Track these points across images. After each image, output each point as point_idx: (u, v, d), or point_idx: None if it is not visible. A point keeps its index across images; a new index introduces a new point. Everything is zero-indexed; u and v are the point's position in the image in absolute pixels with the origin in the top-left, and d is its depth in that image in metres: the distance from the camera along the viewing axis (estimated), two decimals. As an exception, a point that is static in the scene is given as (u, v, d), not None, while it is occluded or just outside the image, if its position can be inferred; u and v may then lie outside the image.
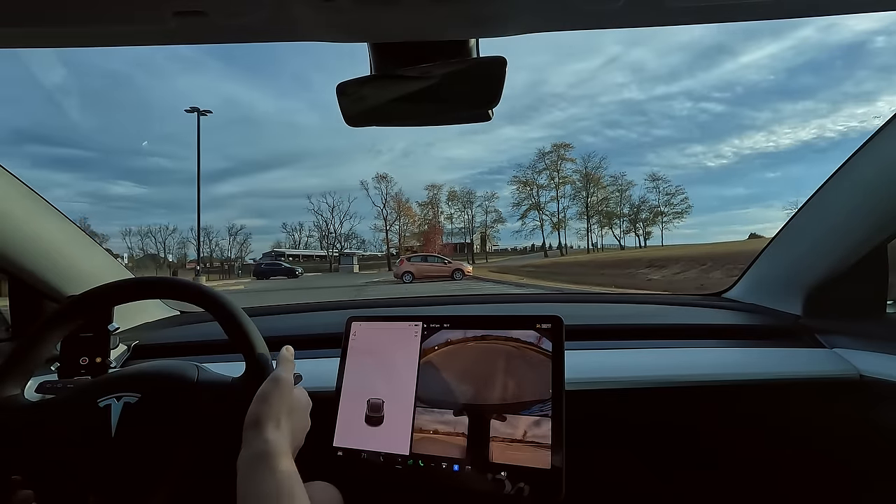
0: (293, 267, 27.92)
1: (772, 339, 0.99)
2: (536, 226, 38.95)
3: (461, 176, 64.04)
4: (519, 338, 0.69)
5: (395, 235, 40.07)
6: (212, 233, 41.96)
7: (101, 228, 49.97)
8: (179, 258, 41.07)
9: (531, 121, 63.25)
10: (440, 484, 0.65)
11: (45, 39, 0.53)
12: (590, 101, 62.63)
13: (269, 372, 0.58)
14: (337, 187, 67.45)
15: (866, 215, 0.85)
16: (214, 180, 59.98)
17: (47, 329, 0.59)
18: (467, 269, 18.82)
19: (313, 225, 43.41)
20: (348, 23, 0.49)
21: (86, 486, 0.56)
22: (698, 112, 57.92)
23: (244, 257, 42.17)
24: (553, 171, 38.74)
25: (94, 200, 57.61)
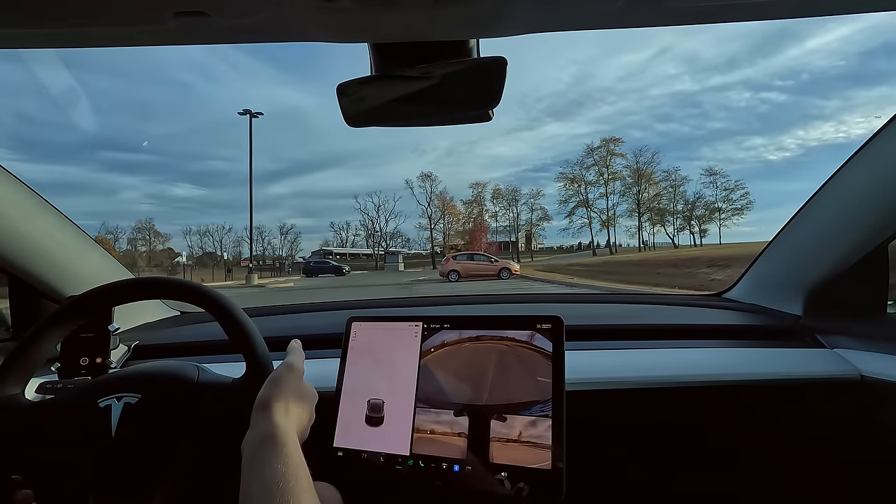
0: (340, 265, 28.22)
1: (772, 339, 0.99)
2: (584, 223, 37.86)
3: (505, 174, 63.73)
4: (519, 338, 0.69)
5: (440, 234, 39.98)
6: (264, 232, 43.55)
7: (165, 228, 52.64)
8: (234, 256, 42.64)
9: (577, 116, 62.93)
10: (440, 484, 0.65)
11: (47, 40, 0.53)
12: (639, 94, 61.39)
13: (269, 372, 0.58)
14: (382, 187, 68.82)
15: (867, 215, 0.85)
16: (267, 181, 62.86)
17: (47, 329, 0.59)
18: (514, 268, 18.15)
19: (359, 224, 44.09)
20: (349, 23, 0.49)
21: (86, 486, 0.56)
22: (758, 102, 55.53)
23: (294, 255, 43.24)
24: (602, 166, 37.38)
25: (158, 202, 61.61)
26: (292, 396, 0.52)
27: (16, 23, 0.47)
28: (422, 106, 0.63)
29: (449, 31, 0.52)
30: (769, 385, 0.86)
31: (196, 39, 0.51)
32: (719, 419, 0.92)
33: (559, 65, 68.92)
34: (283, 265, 37.07)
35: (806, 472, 0.95)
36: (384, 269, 32.27)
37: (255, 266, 23.38)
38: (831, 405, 0.87)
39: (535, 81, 69.65)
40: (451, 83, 0.58)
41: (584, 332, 0.99)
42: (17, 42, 0.54)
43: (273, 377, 0.53)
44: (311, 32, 0.51)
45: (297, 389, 0.54)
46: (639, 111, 59.49)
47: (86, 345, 0.87)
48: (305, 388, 0.57)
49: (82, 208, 54.59)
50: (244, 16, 0.46)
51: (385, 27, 0.51)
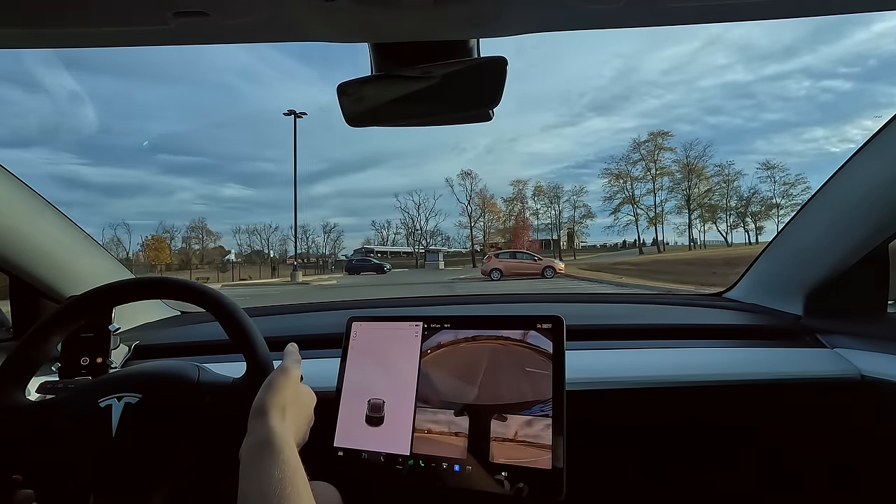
0: (382, 263, 28.39)
1: (773, 339, 0.99)
2: (630, 221, 35.90)
3: (546, 171, 62.31)
4: (519, 338, 0.69)
5: (480, 232, 39.42)
6: (308, 230, 44.20)
7: (216, 227, 53.74)
8: (280, 254, 43.48)
9: (621, 111, 59.51)
10: (441, 484, 0.65)
11: (47, 40, 0.53)
12: (687, 86, 57.55)
13: (270, 372, 0.58)
14: (422, 185, 69.09)
15: (867, 215, 0.85)
16: (311, 181, 63.59)
17: (48, 329, 0.59)
18: (559, 267, 17.37)
19: (400, 222, 43.91)
20: (349, 23, 0.49)
21: (86, 485, 0.56)
22: (819, 91, 50.44)
23: (337, 253, 43.76)
24: (649, 161, 35.34)
25: (210, 202, 62.57)
26: (289, 400, 0.52)
27: (16, 23, 0.47)
28: (422, 106, 0.63)
29: (449, 30, 0.52)
30: (769, 385, 0.86)
31: (196, 39, 0.51)
32: (719, 419, 0.92)
33: (602, 59, 66.13)
34: (326, 263, 37.63)
35: (806, 472, 0.95)
36: (424, 268, 32.24)
37: (299, 264, 23.91)
38: (832, 405, 0.87)
39: (576, 76, 68.39)
40: (452, 83, 0.58)
41: (585, 331, 0.99)
42: (17, 42, 0.54)
43: (269, 382, 0.53)
44: (311, 32, 0.51)
45: (294, 393, 0.54)
46: (687, 104, 55.51)
47: (86, 345, 0.87)
48: (303, 390, 0.57)
49: (142, 209, 57.55)
50: (244, 16, 0.46)
51: (385, 27, 0.51)
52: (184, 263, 38.38)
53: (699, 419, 0.92)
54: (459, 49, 0.57)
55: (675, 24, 0.52)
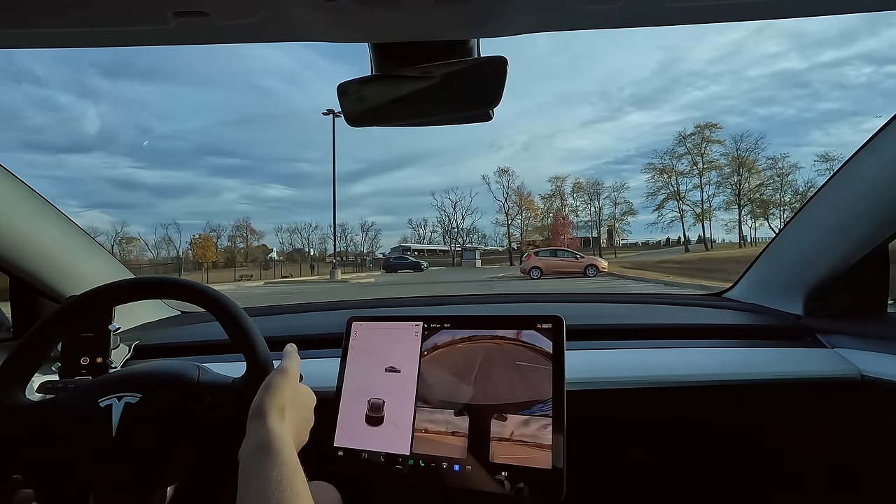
0: (419, 261, 28.50)
1: (773, 338, 0.99)
2: (675, 217, 34.35)
3: (584, 167, 61.94)
4: (519, 338, 0.69)
5: (517, 229, 39.02)
6: (347, 229, 45.65)
7: (259, 226, 55.48)
8: (320, 252, 45.00)
9: (663, 104, 58.88)
10: (441, 484, 0.65)
11: (46, 40, 0.53)
12: (735, 76, 55.43)
13: (270, 372, 0.58)
14: (459, 183, 68.48)
15: (867, 214, 0.85)
16: (349, 181, 65.99)
17: (48, 329, 0.59)
18: (602, 265, 16.69)
19: (436, 221, 44.33)
20: (349, 23, 0.49)
21: (86, 485, 0.56)
22: (882, 77, 46.93)
23: (374, 251, 44.77)
24: (696, 155, 33.52)
25: (253, 202, 66.49)
26: (288, 401, 0.52)
27: (16, 23, 0.47)
28: (422, 106, 0.63)
29: (449, 30, 0.52)
30: (769, 385, 0.86)
31: (196, 39, 0.51)
32: (719, 419, 0.92)
33: (644, 51, 66.24)
34: (365, 261, 37.89)
35: (806, 471, 0.95)
36: (461, 266, 32.19)
37: (337, 262, 24.19)
38: (832, 405, 0.87)
39: (616, 70, 67.49)
40: (452, 83, 0.58)
41: (585, 331, 0.99)
42: (17, 42, 0.54)
43: (267, 383, 0.52)
44: (312, 32, 0.51)
45: (293, 394, 0.54)
46: (734, 95, 53.41)
47: (86, 344, 0.87)
48: (302, 391, 0.57)
49: (191, 209, 61.30)
50: (244, 16, 0.46)
51: (385, 27, 0.51)
52: (229, 261, 39.32)
53: (699, 419, 0.92)
54: (459, 49, 0.57)
55: (674, 24, 0.52)
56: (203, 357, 0.95)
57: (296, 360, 0.58)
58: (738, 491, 0.97)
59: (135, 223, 60.11)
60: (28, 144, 57.32)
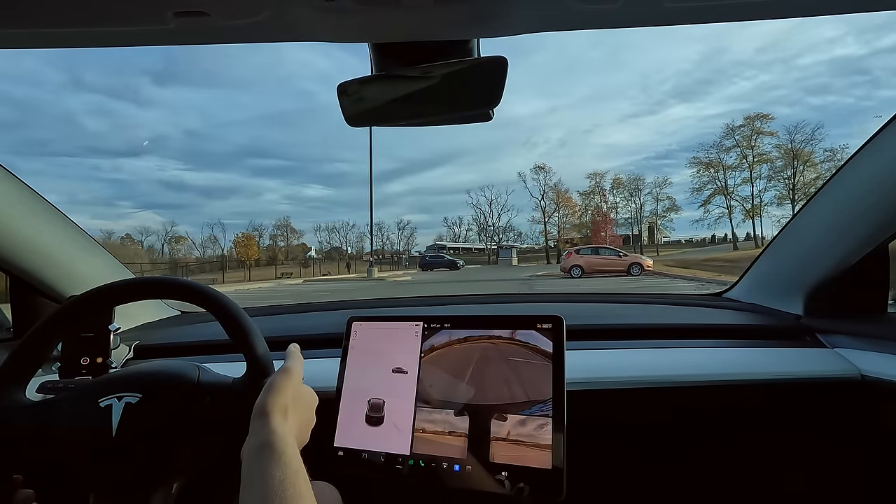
0: (455, 259, 28.42)
1: (773, 338, 0.99)
2: (723, 213, 32.19)
3: (623, 163, 58.69)
4: (519, 338, 0.69)
5: (554, 227, 38.25)
6: (383, 228, 46.46)
7: (299, 225, 57.27)
8: (357, 250, 46.10)
9: (706, 96, 55.81)
10: (441, 484, 0.65)
11: (46, 40, 0.53)
12: (785, 64, 51.48)
13: (270, 372, 0.58)
14: (494, 181, 69.58)
15: (867, 214, 0.85)
16: (385, 180, 66.76)
17: (48, 329, 0.59)
18: (647, 263, 15.67)
19: (472, 219, 44.27)
20: (349, 23, 0.49)
21: (86, 485, 0.56)
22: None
23: (410, 250, 45.31)
24: (745, 148, 31.23)
25: (293, 202, 67.81)
26: (291, 401, 0.52)
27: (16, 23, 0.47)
28: (422, 106, 0.63)
29: (449, 30, 0.52)
30: (769, 385, 0.86)
31: (196, 39, 0.51)
32: (719, 419, 0.92)
33: (685, 42, 62.76)
34: (401, 259, 38.11)
35: (806, 471, 0.95)
36: (497, 264, 31.86)
37: (374, 260, 24.46)
38: (832, 405, 0.87)
39: (657, 62, 64.84)
40: (452, 83, 0.58)
41: (585, 331, 0.99)
42: (17, 42, 0.54)
43: (270, 383, 0.52)
44: (312, 32, 0.51)
45: (296, 394, 0.54)
46: (785, 84, 49.64)
47: (86, 344, 0.87)
48: (304, 392, 0.57)
49: (234, 209, 63.01)
50: (244, 16, 0.46)
51: (385, 27, 0.51)
52: (270, 259, 40.14)
53: (699, 419, 0.92)
54: (459, 49, 0.57)
55: (673, 24, 0.52)
56: (203, 357, 0.95)
57: (299, 361, 0.58)
58: (738, 490, 0.97)
59: (183, 223, 62.46)
60: (91, 150, 62.17)
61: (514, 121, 65.70)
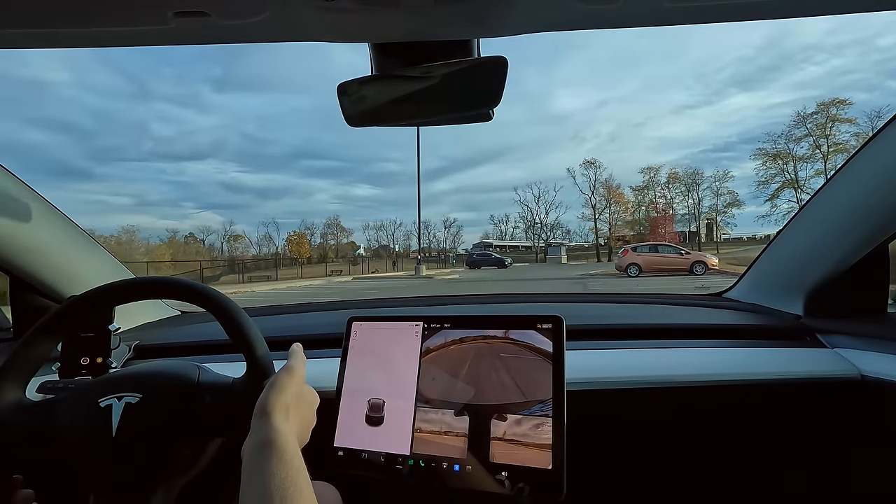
0: (503, 257, 28.19)
1: (773, 339, 0.99)
2: (792, 208, 29.40)
3: (678, 157, 57.88)
4: (519, 338, 0.69)
5: (604, 224, 37.03)
6: (429, 226, 47.68)
7: (348, 224, 58.46)
8: (404, 248, 47.60)
9: (771, 83, 53.77)
10: (441, 484, 0.65)
11: (46, 40, 0.53)
12: (862, 46, 48.29)
13: (270, 372, 0.58)
14: (541, 177, 69.26)
15: (867, 215, 0.85)
16: (431, 179, 69.24)
17: (48, 329, 0.59)
18: (711, 262, 14.62)
19: (518, 216, 44.25)
20: (349, 23, 0.49)
21: (86, 485, 0.56)
22: None
23: (457, 248, 46.21)
24: (819, 137, 29.06)
25: (343, 201, 72.79)
26: (293, 401, 0.52)
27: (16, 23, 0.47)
28: (422, 106, 0.63)
29: (449, 30, 0.52)
30: (770, 385, 0.86)
31: (196, 39, 0.51)
32: (719, 419, 0.92)
33: (747, 27, 57.89)
34: (448, 257, 38.35)
35: (806, 472, 0.95)
36: (546, 262, 31.42)
37: (421, 258, 24.53)
38: (832, 405, 0.87)
39: (713, 50, 62.58)
40: (452, 83, 0.58)
41: (585, 331, 0.99)
42: (17, 42, 0.54)
43: (273, 382, 0.52)
44: (312, 32, 0.51)
45: (298, 393, 0.54)
46: (862, 68, 46.89)
47: (86, 344, 0.87)
48: (306, 391, 0.57)
49: (287, 209, 67.62)
50: (244, 16, 0.46)
51: (385, 27, 0.51)
52: (321, 257, 41.60)
53: (699, 419, 0.92)
54: (459, 49, 0.57)
55: (673, 24, 0.52)
56: (203, 357, 0.95)
57: (302, 360, 0.58)
58: (738, 491, 0.97)
59: (240, 222, 65.11)
60: (157, 154, 66.81)
61: (563, 115, 65.70)
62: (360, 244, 48.41)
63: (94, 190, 62.87)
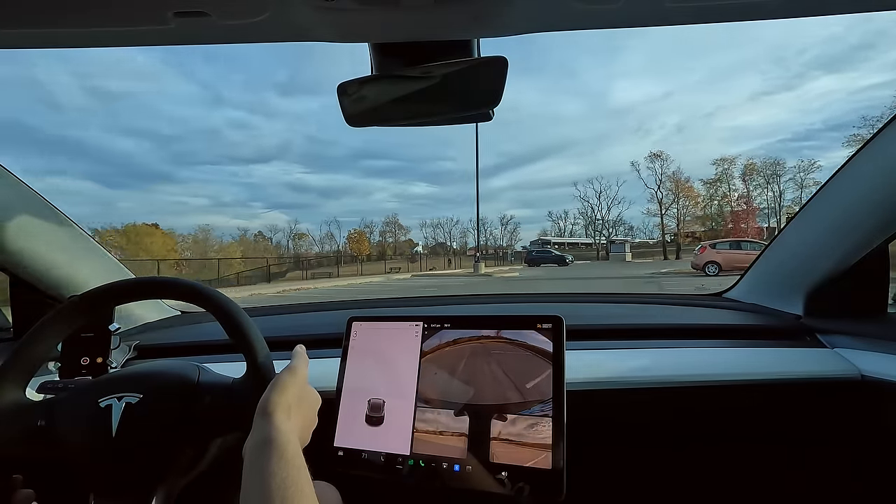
0: (563, 255, 27.51)
1: (773, 338, 0.99)
2: None
3: (753, 147, 53.08)
4: (519, 338, 0.69)
5: (672, 220, 34.81)
6: (486, 223, 47.78)
7: (406, 222, 60.28)
8: (461, 245, 48.23)
9: (862, 64, 48.38)
10: (441, 484, 0.65)
11: (46, 40, 0.53)
12: None
13: (270, 373, 0.58)
14: (602, 172, 69.15)
15: (867, 215, 0.85)
16: (488, 176, 69.44)
17: (48, 329, 0.59)
18: None
19: (578, 212, 43.32)
20: (349, 24, 0.49)
21: (86, 485, 0.56)
22: None
23: (514, 245, 46.12)
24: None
25: (400, 200, 74.09)
26: (295, 401, 0.52)
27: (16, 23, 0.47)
28: (422, 105, 0.63)
29: (449, 30, 0.52)
30: (770, 385, 0.86)
31: (196, 39, 0.51)
32: (720, 419, 0.92)
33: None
34: (506, 254, 37.89)
35: (806, 471, 0.95)
36: (608, 259, 30.43)
37: (479, 255, 24.23)
38: (832, 405, 0.87)
39: (794, 31, 57.82)
40: (452, 83, 0.58)
41: (585, 331, 0.99)
42: (17, 42, 0.54)
43: (276, 381, 0.53)
44: (312, 32, 0.51)
45: (300, 394, 0.54)
46: None
47: (86, 344, 0.87)
48: (308, 392, 0.57)
49: (348, 208, 70.97)
50: (244, 16, 0.46)
51: (385, 27, 0.51)
52: (380, 254, 42.85)
53: (699, 419, 0.92)
54: (459, 49, 0.57)
55: (674, 24, 0.52)
56: (203, 357, 0.95)
57: (304, 361, 0.59)
58: (738, 490, 0.97)
59: (305, 221, 68.70)
60: (229, 158, 69.74)
61: (625, 108, 63.62)
62: (417, 242, 48.88)
63: (176, 192, 65.46)
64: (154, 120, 67.67)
